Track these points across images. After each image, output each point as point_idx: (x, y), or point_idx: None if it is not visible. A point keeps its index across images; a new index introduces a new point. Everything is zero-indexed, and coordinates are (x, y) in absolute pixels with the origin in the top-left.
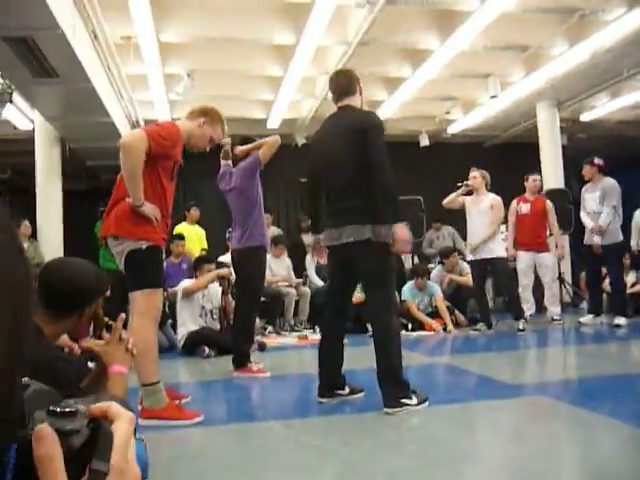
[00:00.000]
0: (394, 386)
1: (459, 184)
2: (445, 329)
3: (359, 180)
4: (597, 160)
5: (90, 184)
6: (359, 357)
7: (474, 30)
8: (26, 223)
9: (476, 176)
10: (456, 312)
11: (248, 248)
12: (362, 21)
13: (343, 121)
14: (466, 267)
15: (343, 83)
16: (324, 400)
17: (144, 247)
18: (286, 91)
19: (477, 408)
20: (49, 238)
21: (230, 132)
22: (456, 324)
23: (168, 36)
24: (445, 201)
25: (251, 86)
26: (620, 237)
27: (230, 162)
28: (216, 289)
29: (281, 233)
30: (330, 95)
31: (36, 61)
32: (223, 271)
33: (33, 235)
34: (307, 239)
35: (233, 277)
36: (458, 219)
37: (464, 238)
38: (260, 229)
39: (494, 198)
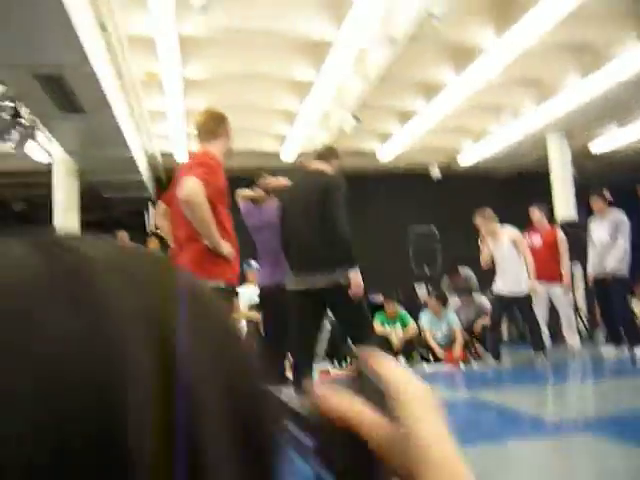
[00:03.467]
0: None
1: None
2: (463, 362)
3: None
4: (605, 193)
5: (105, 215)
6: None
7: (491, 67)
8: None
9: (481, 224)
10: (475, 344)
11: (281, 285)
12: (382, 58)
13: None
14: (486, 303)
15: None
16: None
17: (222, 286)
18: (303, 125)
19: (519, 448)
20: None
21: (244, 164)
22: (475, 355)
23: (190, 72)
24: (483, 264)
25: (268, 119)
26: (626, 271)
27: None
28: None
29: None
30: (344, 129)
31: (64, 97)
32: (252, 314)
33: None
34: None
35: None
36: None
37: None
38: None
39: (510, 231)
